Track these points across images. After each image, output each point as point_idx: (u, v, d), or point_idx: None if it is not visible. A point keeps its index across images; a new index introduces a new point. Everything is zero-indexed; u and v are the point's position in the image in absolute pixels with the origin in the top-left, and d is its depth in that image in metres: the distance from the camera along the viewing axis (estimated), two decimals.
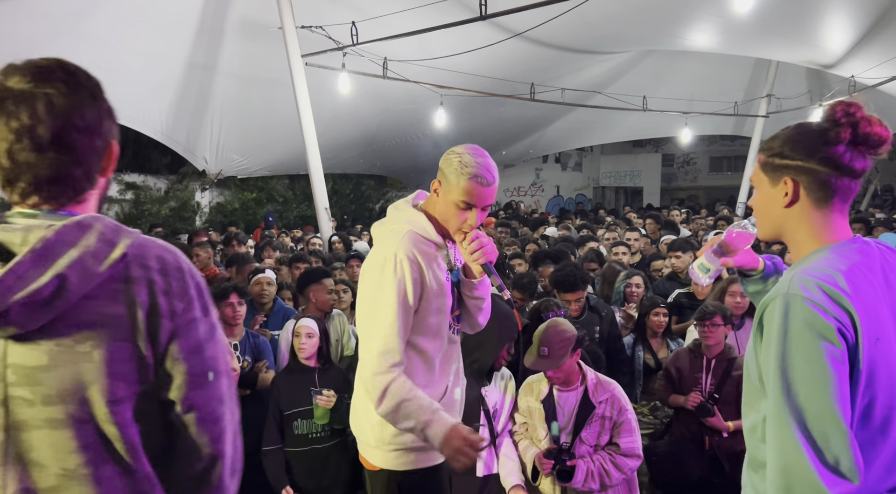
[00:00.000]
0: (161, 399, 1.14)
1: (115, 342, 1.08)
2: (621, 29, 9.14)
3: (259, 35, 8.31)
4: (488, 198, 1.93)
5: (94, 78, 1.15)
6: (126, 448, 1.09)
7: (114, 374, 1.08)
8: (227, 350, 1.29)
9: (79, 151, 1.10)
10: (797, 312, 1.23)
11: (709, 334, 3.58)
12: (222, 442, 1.18)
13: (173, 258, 1.16)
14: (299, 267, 5.58)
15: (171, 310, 1.12)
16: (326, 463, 3.38)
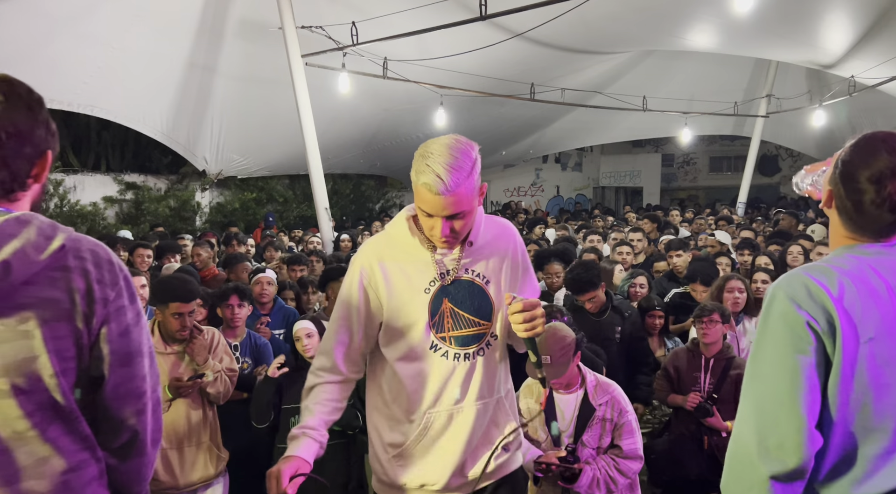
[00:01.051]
0: (92, 375, 1.28)
1: (55, 322, 1.22)
2: (621, 29, 9.14)
3: (259, 35, 8.31)
4: (440, 208, 1.67)
5: (35, 93, 1.29)
6: (68, 413, 1.25)
7: (56, 350, 1.22)
8: (147, 333, 1.37)
9: (6, 156, 1.23)
10: (777, 304, 1.33)
11: (707, 331, 3.58)
12: (144, 415, 1.34)
13: (104, 252, 1.31)
14: (295, 269, 5.57)
15: (104, 298, 1.27)
16: (323, 463, 3.36)
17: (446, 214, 1.68)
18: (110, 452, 1.32)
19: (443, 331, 1.80)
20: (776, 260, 5.32)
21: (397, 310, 1.81)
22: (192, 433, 3.15)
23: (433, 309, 1.80)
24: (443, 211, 1.67)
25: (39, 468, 1.22)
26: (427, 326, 1.80)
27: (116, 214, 11.07)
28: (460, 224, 1.72)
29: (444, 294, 1.80)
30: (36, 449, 1.22)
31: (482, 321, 1.83)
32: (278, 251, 7.07)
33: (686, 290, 4.86)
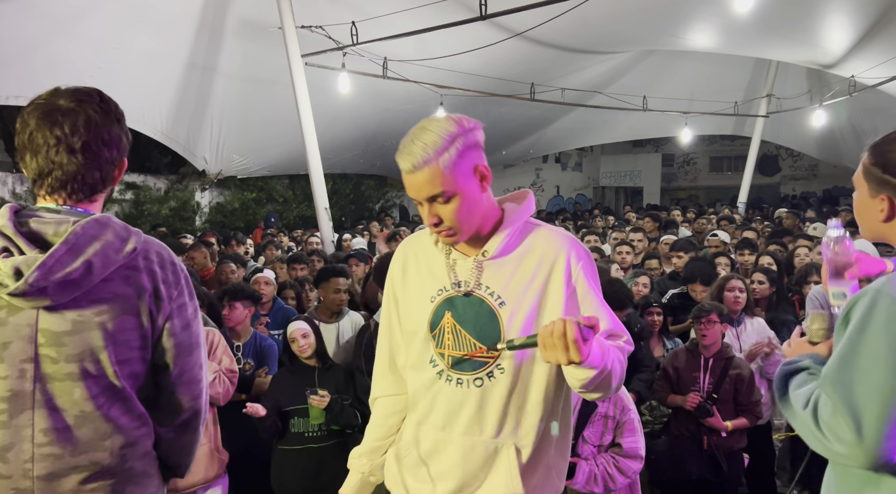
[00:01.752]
0: (156, 363, 1.46)
1: (124, 315, 1.39)
2: (621, 29, 9.14)
3: (259, 35, 8.31)
4: (416, 188, 1.51)
5: (119, 107, 1.46)
6: (127, 396, 1.41)
7: (121, 341, 1.39)
8: (202, 325, 1.56)
9: (101, 159, 1.41)
10: (882, 309, 1.28)
11: (705, 332, 3.58)
12: (201, 399, 1.54)
13: (168, 254, 1.48)
14: (296, 268, 5.60)
15: (169, 296, 1.44)
16: (322, 464, 3.36)
17: (424, 196, 1.51)
18: (169, 428, 1.49)
19: (442, 347, 1.60)
20: (779, 261, 5.32)
21: (406, 315, 1.70)
22: None
23: (433, 321, 1.61)
24: (419, 192, 1.51)
25: (103, 441, 1.39)
26: (427, 338, 1.63)
27: (116, 214, 11.02)
28: (449, 210, 1.51)
29: (448, 306, 1.59)
30: (100, 427, 1.38)
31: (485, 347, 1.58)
32: (278, 250, 7.08)
33: (683, 290, 4.86)
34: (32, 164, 1.38)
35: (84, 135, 1.37)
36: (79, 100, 1.39)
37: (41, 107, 1.37)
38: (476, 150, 1.60)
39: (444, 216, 1.53)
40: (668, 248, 6.54)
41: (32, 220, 1.36)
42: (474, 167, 1.58)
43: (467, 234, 1.58)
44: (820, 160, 19.34)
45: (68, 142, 1.36)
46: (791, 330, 4.33)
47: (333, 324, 4.05)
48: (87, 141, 1.37)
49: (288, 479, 3.38)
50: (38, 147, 1.36)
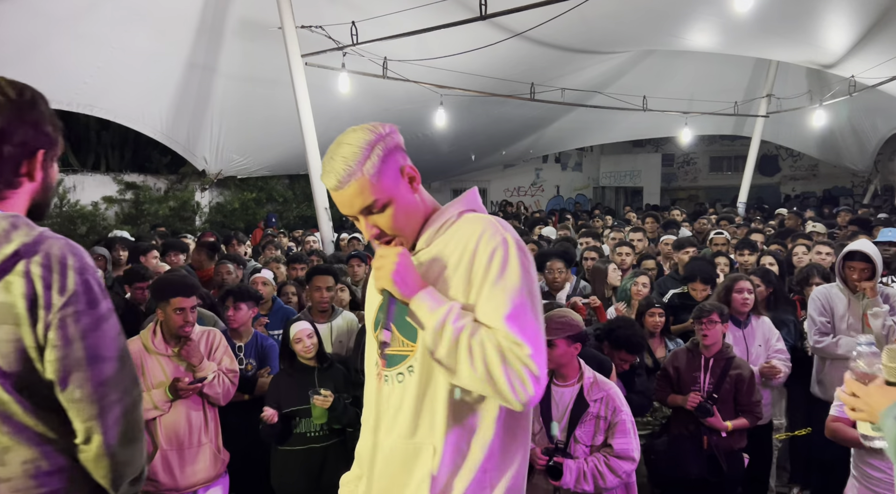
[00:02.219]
0: (46, 377, 1.29)
1: (1, 325, 1.26)
2: (621, 29, 9.14)
3: (259, 35, 8.31)
4: (348, 204, 1.49)
5: (27, 94, 1.35)
6: (18, 410, 1.29)
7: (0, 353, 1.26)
8: (119, 335, 1.36)
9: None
10: None
11: (706, 332, 3.59)
12: (104, 418, 1.33)
13: (62, 255, 1.30)
14: (296, 267, 5.60)
15: (48, 302, 1.27)
16: (324, 463, 3.37)
17: (357, 209, 1.48)
18: (77, 448, 1.35)
19: (386, 346, 1.54)
20: (781, 261, 5.32)
21: (367, 319, 1.69)
22: (193, 434, 3.15)
23: (375, 321, 1.61)
24: (351, 207, 1.48)
25: (2, 456, 1.28)
26: (371, 337, 1.61)
27: (116, 214, 11.06)
28: (385, 218, 1.49)
29: (391, 303, 1.51)
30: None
31: (408, 342, 1.53)
32: (277, 250, 7.07)
33: (684, 290, 4.86)
34: None
35: None
36: None
37: None
38: (398, 153, 1.55)
39: (383, 225, 1.50)
40: (668, 248, 6.54)
41: None
42: (400, 169, 1.54)
43: (411, 237, 1.55)
44: (820, 160, 19.33)
45: None
46: (791, 330, 4.35)
47: (326, 324, 4.05)
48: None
49: (289, 479, 3.38)
50: None
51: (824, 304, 3.98)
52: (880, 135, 14.94)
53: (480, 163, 16.39)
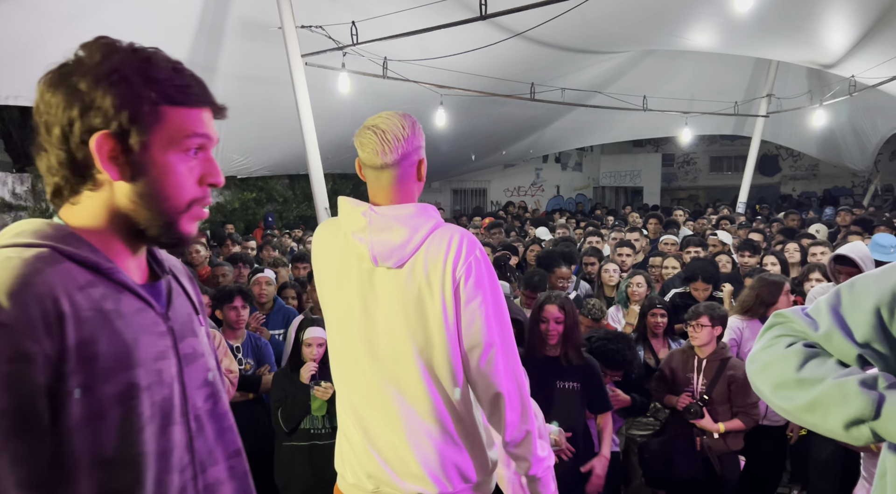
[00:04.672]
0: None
1: None
2: (621, 29, 9.13)
3: (259, 35, 8.30)
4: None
5: (110, 60, 1.02)
6: None
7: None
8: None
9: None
10: None
11: (694, 335, 3.59)
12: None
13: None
14: (298, 266, 5.61)
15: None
16: (327, 459, 3.39)
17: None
18: None
19: None
20: (784, 261, 5.33)
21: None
22: None
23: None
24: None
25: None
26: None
27: None
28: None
29: None
30: None
31: None
32: (276, 250, 7.08)
33: (685, 290, 4.86)
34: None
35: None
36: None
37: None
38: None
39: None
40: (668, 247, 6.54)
41: None
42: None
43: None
44: (820, 160, 19.32)
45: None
46: None
47: None
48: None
49: (293, 475, 3.40)
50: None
51: None
52: (880, 135, 14.93)
53: (480, 163, 16.37)
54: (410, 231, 1.70)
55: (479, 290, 1.67)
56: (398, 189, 1.78)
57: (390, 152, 1.72)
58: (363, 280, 1.74)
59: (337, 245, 1.80)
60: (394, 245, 1.70)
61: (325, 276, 1.85)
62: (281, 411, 3.38)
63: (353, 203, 1.83)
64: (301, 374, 3.34)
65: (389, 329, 1.72)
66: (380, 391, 1.74)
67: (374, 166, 1.78)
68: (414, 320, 1.70)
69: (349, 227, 1.77)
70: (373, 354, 1.74)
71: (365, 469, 1.77)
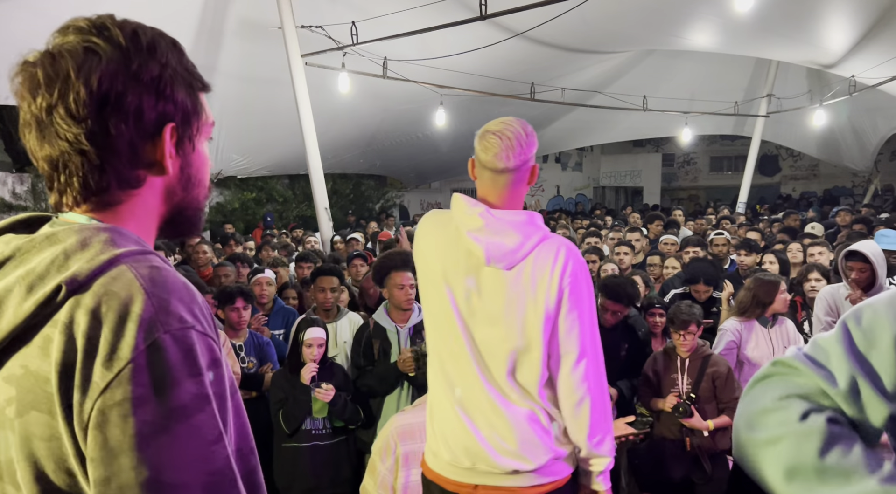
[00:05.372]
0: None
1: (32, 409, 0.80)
2: (621, 29, 9.14)
3: (259, 35, 8.30)
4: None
5: (144, 37, 0.99)
6: None
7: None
8: (214, 445, 0.79)
9: (91, 136, 0.86)
10: None
11: (683, 343, 3.59)
12: None
13: (127, 294, 0.79)
14: (303, 266, 5.60)
15: (89, 378, 0.76)
16: (328, 460, 3.41)
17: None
18: None
19: None
20: (784, 260, 5.32)
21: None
22: None
23: None
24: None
25: None
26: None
27: None
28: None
29: None
30: None
31: None
32: (275, 250, 7.08)
33: (686, 290, 4.86)
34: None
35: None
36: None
37: None
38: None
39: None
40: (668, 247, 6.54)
41: None
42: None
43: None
44: (820, 160, 19.34)
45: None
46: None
47: (332, 324, 4.07)
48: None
49: (293, 476, 3.40)
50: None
51: (831, 304, 3.97)
52: (880, 135, 14.94)
53: None
54: (523, 237, 1.83)
55: (580, 302, 1.83)
56: (512, 191, 1.91)
57: (513, 157, 1.84)
58: (470, 275, 1.87)
59: (448, 237, 1.91)
60: (507, 249, 1.82)
61: (430, 264, 1.96)
62: (282, 412, 3.38)
63: (469, 202, 1.90)
64: (302, 375, 3.34)
65: (488, 324, 1.86)
66: (476, 378, 1.88)
67: (494, 169, 1.87)
68: (514, 320, 1.83)
69: (465, 225, 1.86)
70: (470, 343, 1.88)
71: (462, 446, 1.89)
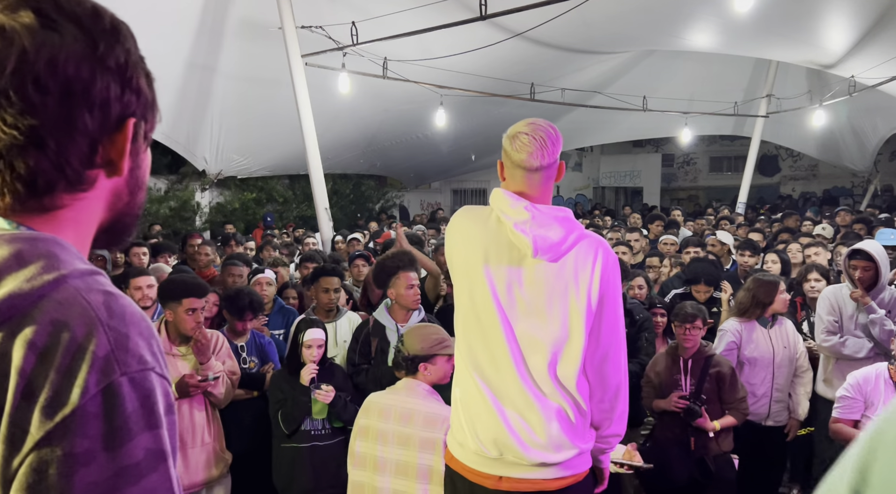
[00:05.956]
0: None
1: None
2: (621, 29, 9.14)
3: (259, 35, 8.30)
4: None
5: (106, 17, 0.79)
6: None
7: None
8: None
9: (41, 127, 0.70)
10: None
11: (688, 336, 3.58)
12: None
13: (79, 326, 0.65)
14: (308, 266, 5.59)
15: (23, 430, 0.62)
16: (327, 461, 3.40)
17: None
18: None
19: None
20: (785, 260, 5.32)
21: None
22: (196, 434, 3.17)
23: None
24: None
25: None
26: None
27: None
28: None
29: None
30: None
31: None
32: (275, 250, 7.08)
33: (686, 291, 4.86)
34: None
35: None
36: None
37: None
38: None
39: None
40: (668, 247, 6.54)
41: None
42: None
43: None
44: (820, 160, 19.33)
45: None
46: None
47: (331, 324, 4.07)
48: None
49: (292, 477, 3.40)
50: None
51: (833, 304, 3.98)
52: (880, 136, 14.93)
53: (480, 163, 16.37)
54: (566, 231, 1.90)
55: (616, 298, 1.95)
56: (544, 187, 1.98)
57: (547, 155, 1.91)
58: (513, 266, 1.93)
59: (489, 230, 1.96)
60: (552, 241, 1.88)
61: (469, 256, 2.00)
62: (281, 413, 3.36)
63: (512, 196, 1.95)
64: (301, 376, 3.32)
65: (529, 315, 1.92)
66: (511, 370, 1.92)
67: (529, 168, 1.93)
68: (557, 312, 1.91)
69: (512, 218, 1.90)
70: (510, 335, 1.93)
71: (491, 437, 1.93)
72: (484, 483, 1.95)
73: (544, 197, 1.98)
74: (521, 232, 1.88)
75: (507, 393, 1.93)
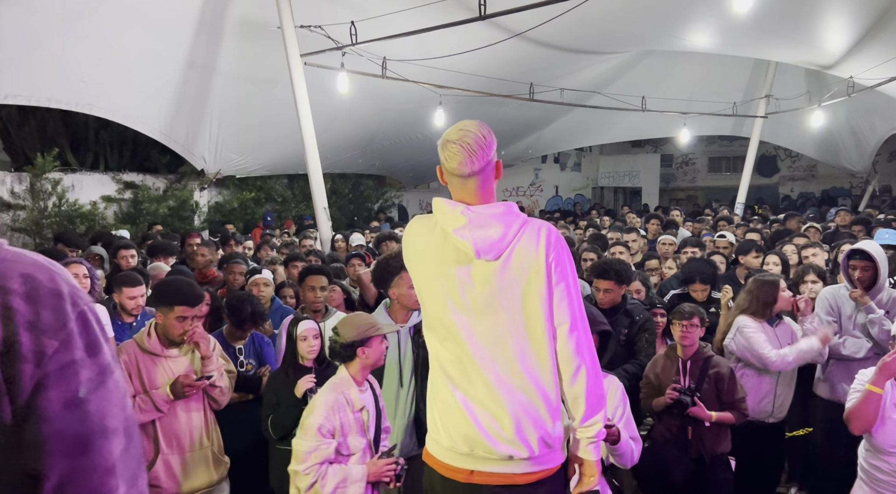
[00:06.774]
0: (26, 468, 0.85)
1: None
2: (621, 29, 9.14)
3: (258, 35, 8.29)
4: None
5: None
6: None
7: None
8: (126, 396, 0.97)
9: None
10: None
11: (686, 334, 3.58)
12: None
13: (49, 278, 0.89)
14: (297, 266, 5.59)
15: (38, 350, 0.86)
16: None
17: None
18: None
19: None
20: (786, 261, 5.32)
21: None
22: (194, 437, 3.13)
23: None
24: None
25: None
26: None
27: (115, 213, 11.04)
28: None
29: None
30: None
31: None
32: (274, 250, 7.08)
33: (684, 291, 4.86)
34: None
35: None
36: None
37: None
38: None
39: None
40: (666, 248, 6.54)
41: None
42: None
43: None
44: (818, 161, 19.34)
45: None
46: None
47: (320, 324, 4.07)
48: None
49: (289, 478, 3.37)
50: None
51: (832, 304, 3.97)
52: (879, 136, 14.94)
53: None
54: (505, 227, 1.94)
55: (565, 273, 1.96)
56: (483, 190, 2.00)
57: (477, 162, 1.93)
58: (461, 270, 1.98)
59: (435, 239, 2.02)
60: (493, 240, 1.93)
61: (422, 267, 2.08)
62: (271, 418, 3.29)
63: (449, 203, 2.01)
64: (298, 387, 3.24)
65: (486, 313, 1.96)
66: (476, 368, 1.97)
67: (461, 175, 1.96)
68: (512, 304, 1.94)
69: (450, 225, 1.97)
70: (471, 335, 1.97)
71: (462, 433, 1.99)
72: (456, 477, 2.01)
73: (486, 197, 2.00)
74: (460, 237, 1.94)
75: (474, 392, 1.98)
